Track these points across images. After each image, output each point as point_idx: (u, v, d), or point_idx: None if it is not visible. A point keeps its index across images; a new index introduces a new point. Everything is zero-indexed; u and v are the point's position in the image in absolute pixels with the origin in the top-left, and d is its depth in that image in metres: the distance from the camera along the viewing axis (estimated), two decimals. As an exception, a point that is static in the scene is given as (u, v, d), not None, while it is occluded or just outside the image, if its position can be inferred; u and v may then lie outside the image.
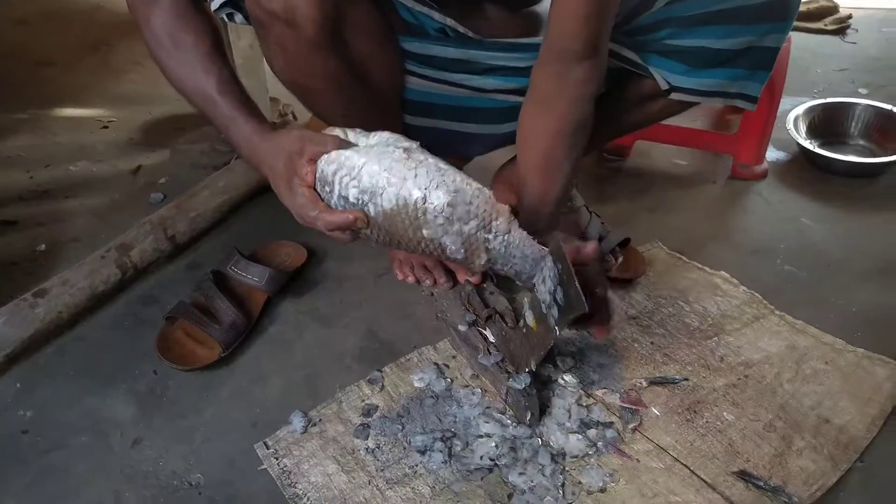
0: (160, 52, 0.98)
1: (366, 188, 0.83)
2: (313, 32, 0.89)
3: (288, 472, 0.92)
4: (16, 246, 1.36)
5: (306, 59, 0.93)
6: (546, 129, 0.99)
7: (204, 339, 1.10)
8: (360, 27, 0.95)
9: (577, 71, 0.95)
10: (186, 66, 0.96)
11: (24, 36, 2.45)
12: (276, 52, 0.94)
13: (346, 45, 0.95)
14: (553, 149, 1.00)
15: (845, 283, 1.23)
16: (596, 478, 0.89)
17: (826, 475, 0.89)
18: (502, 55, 1.05)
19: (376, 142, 0.88)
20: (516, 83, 1.08)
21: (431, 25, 1.03)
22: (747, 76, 1.09)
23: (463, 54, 1.05)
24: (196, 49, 0.96)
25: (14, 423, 1.00)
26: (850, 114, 1.66)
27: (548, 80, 0.98)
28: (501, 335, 1.04)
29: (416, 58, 1.05)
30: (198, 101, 0.97)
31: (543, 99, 0.99)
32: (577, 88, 0.97)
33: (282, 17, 0.87)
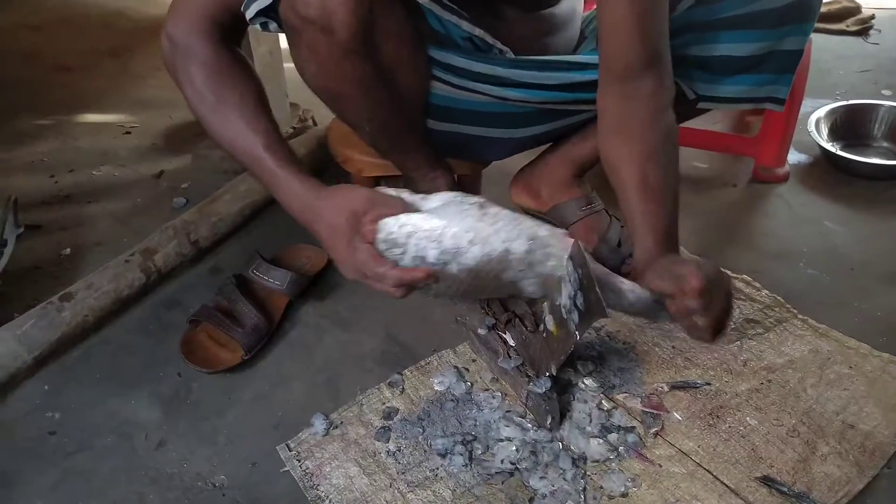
0: (203, 108, 0.98)
1: (448, 249, 0.84)
2: (347, 38, 0.90)
3: (310, 474, 0.92)
4: (41, 250, 1.38)
5: (338, 65, 0.94)
6: (631, 156, 0.94)
7: (227, 342, 1.11)
8: (392, 33, 0.96)
9: (642, 86, 0.92)
10: (231, 124, 0.96)
11: (43, 42, 2.49)
12: (308, 58, 0.94)
13: (377, 51, 0.96)
14: (647, 175, 0.93)
15: (869, 286, 1.22)
16: (617, 483, 0.89)
17: (852, 481, 0.88)
18: (530, 73, 1.05)
19: (440, 203, 0.88)
20: (542, 96, 1.07)
21: (459, 35, 1.03)
22: (773, 80, 1.09)
23: (489, 70, 1.05)
24: (241, 106, 0.96)
25: (42, 425, 1.02)
26: (873, 116, 1.64)
27: (616, 104, 0.95)
28: (521, 339, 1.04)
29: (442, 66, 1.05)
30: (244, 158, 0.97)
31: (618, 126, 0.96)
32: (649, 104, 0.93)
33: (318, 22, 0.88)
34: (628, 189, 0.94)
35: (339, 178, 1.54)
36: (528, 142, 1.24)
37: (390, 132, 1.09)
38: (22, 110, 1.99)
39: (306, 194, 0.92)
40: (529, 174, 1.30)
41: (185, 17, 0.97)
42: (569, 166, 1.26)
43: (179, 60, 0.98)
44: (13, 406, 1.05)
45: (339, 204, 0.89)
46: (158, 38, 0.99)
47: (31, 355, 1.07)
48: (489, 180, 1.42)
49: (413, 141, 1.15)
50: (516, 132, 1.18)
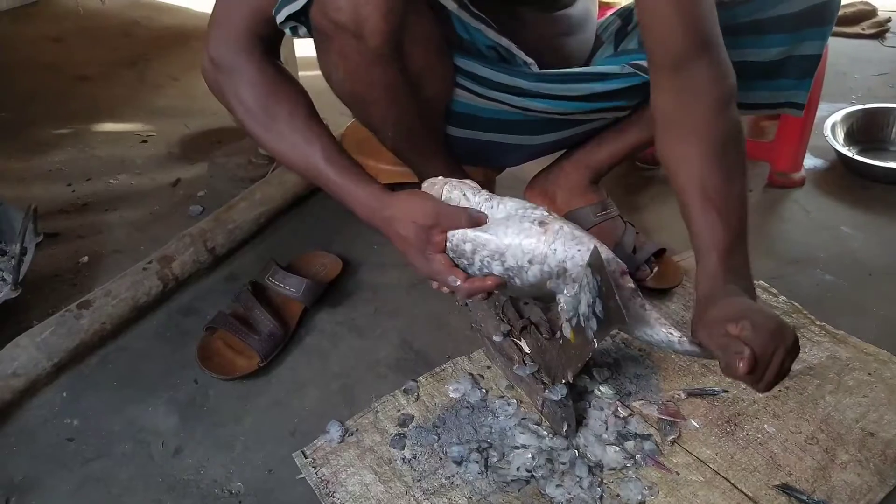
0: (257, 127, 0.98)
1: (510, 267, 0.87)
2: (379, 44, 0.90)
3: (326, 481, 0.93)
4: (59, 258, 1.40)
5: (368, 70, 0.94)
6: (689, 158, 0.87)
7: (243, 349, 1.11)
8: (420, 40, 0.96)
9: (696, 76, 0.86)
10: (287, 139, 0.97)
11: (62, 52, 2.52)
12: (338, 63, 0.95)
13: (405, 57, 0.96)
14: (707, 181, 0.85)
15: (887, 291, 1.21)
16: (635, 491, 0.88)
17: (873, 490, 0.87)
18: (554, 86, 1.05)
19: (506, 214, 0.90)
20: (564, 107, 1.07)
21: (484, 43, 1.03)
22: (793, 85, 1.08)
23: (513, 81, 1.05)
24: (293, 120, 0.97)
25: (61, 431, 1.03)
26: (890, 119, 1.63)
27: (669, 101, 0.89)
28: (537, 346, 1.04)
29: (467, 75, 1.05)
30: (304, 171, 0.98)
31: (673, 122, 0.89)
32: (706, 97, 0.86)
33: (350, 28, 0.88)
34: (687, 196, 0.86)
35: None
36: (546, 148, 1.24)
37: (412, 138, 1.09)
38: (41, 120, 2.02)
39: (371, 203, 0.93)
40: (545, 180, 1.30)
41: (226, 35, 0.97)
42: (584, 172, 1.25)
43: (225, 81, 0.98)
44: (33, 413, 1.06)
45: (405, 217, 0.90)
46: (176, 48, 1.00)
47: (50, 362, 1.08)
48: (503, 186, 1.43)
49: (433, 147, 1.15)
50: (534, 139, 1.18)
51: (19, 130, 1.95)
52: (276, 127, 0.97)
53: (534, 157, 1.27)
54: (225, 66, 0.98)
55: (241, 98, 0.98)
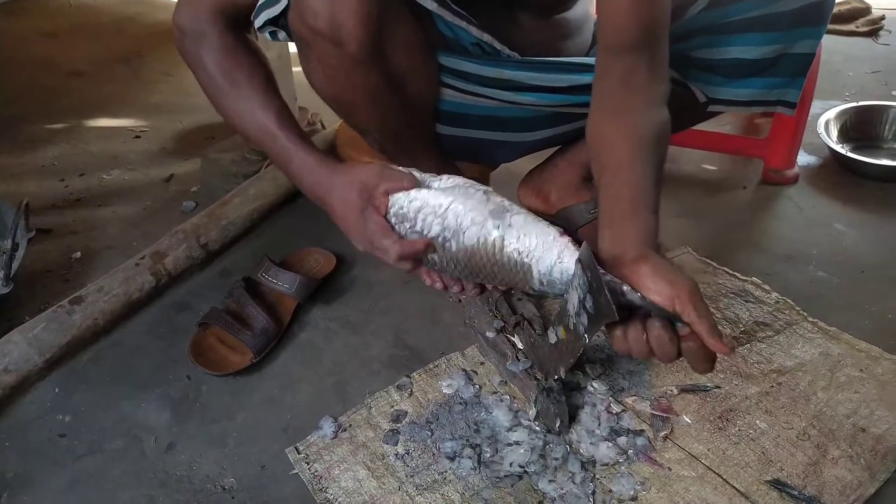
0: (214, 90, 1.00)
1: (449, 226, 0.86)
2: (357, 49, 0.90)
3: (319, 476, 0.93)
4: (51, 254, 1.40)
5: (348, 75, 0.94)
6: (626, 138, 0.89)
7: (236, 345, 1.11)
8: (401, 42, 0.96)
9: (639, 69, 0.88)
10: (243, 103, 0.98)
11: (56, 48, 2.51)
12: (318, 68, 0.95)
13: (386, 60, 0.96)
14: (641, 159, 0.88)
15: (880, 288, 1.21)
16: (627, 486, 0.89)
17: (863, 485, 0.88)
18: (540, 76, 1.05)
19: (451, 184, 0.90)
20: (553, 100, 1.07)
21: (468, 40, 1.03)
22: (785, 83, 1.08)
23: (499, 73, 1.05)
24: (251, 85, 0.98)
25: (53, 427, 1.02)
26: (883, 117, 1.63)
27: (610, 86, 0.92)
28: (530, 342, 1.04)
29: (452, 72, 1.05)
30: (257, 136, 0.99)
31: (610, 110, 0.92)
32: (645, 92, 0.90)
33: (327, 34, 0.88)
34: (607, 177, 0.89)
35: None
36: (538, 145, 1.24)
37: (399, 139, 1.10)
38: (34, 116, 2.01)
39: (320, 169, 0.95)
40: (538, 177, 1.30)
41: (192, 6, 0.99)
42: (578, 169, 1.26)
43: (189, 46, 1.00)
44: (25, 409, 1.06)
45: (351, 178, 0.91)
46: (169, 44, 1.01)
47: (42, 358, 1.08)
48: (497, 182, 1.42)
49: (422, 146, 1.15)
50: (526, 136, 1.18)
51: (12, 126, 1.94)
52: (233, 92, 0.99)
53: (527, 153, 1.27)
54: (188, 31, 0.99)
55: (203, 62, 0.99)
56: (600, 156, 0.92)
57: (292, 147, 0.96)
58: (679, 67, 1.07)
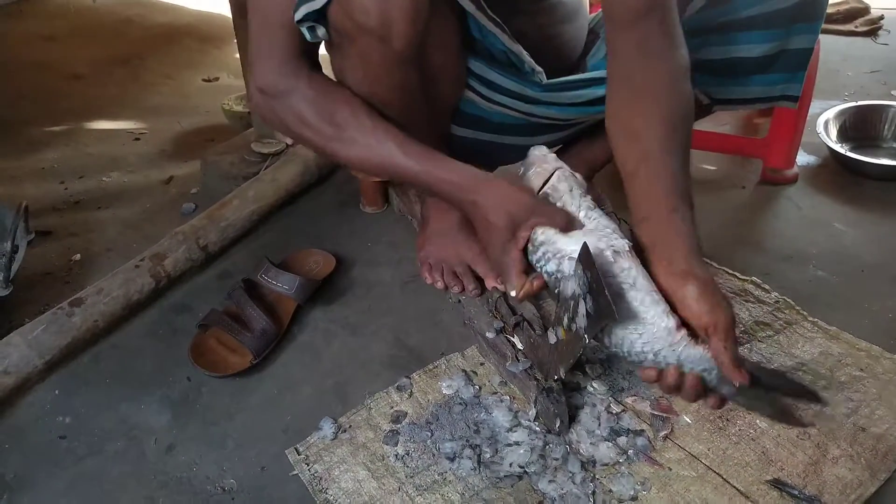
0: (324, 140, 0.97)
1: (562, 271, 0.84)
2: (403, 47, 0.89)
3: (319, 477, 0.93)
4: (51, 256, 1.40)
5: (388, 73, 0.93)
6: (645, 117, 0.87)
7: (236, 346, 1.11)
8: (441, 43, 0.95)
9: (652, 38, 0.87)
10: (359, 143, 0.95)
11: (55, 50, 2.51)
12: (357, 65, 0.93)
13: (425, 60, 0.95)
14: (663, 144, 0.86)
15: (880, 288, 1.21)
16: (627, 486, 0.89)
17: (864, 485, 0.88)
18: (559, 95, 1.05)
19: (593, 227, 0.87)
20: (568, 113, 1.08)
21: (497, 47, 1.02)
22: (787, 78, 1.09)
23: (520, 89, 1.04)
24: (358, 123, 0.95)
25: (53, 429, 1.02)
26: (882, 116, 1.63)
27: (627, 63, 0.90)
28: (529, 342, 1.04)
29: (477, 78, 1.05)
30: (385, 170, 0.97)
31: (633, 88, 0.89)
32: (664, 62, 0.88)
33: (376, 31, 0.86)
34: (651, 157, 0.85)
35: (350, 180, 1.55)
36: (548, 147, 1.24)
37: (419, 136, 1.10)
38: (34, 118, 2.01)
39: (462, 185, 0.92)
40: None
41: (271, 63, 0.95)
42: (580, 168, 1.25)
43: (281, 107, 0.96)
44: (25, 410, 1.06)
45: (499, 205, 0.90)
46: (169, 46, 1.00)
47: (42, 360, 1.08)
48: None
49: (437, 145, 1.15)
50: (534, 140, 1.18)
51: (12, 129, 1.95)
52: (344, 135, 0.95)
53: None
54: (277, 91, 0.96)
55: (302, 117, 0.96)
56: (627, 144, 0.89)
57: (426, 170, 0.94)
58: None
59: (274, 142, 1.58)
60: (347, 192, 1.53)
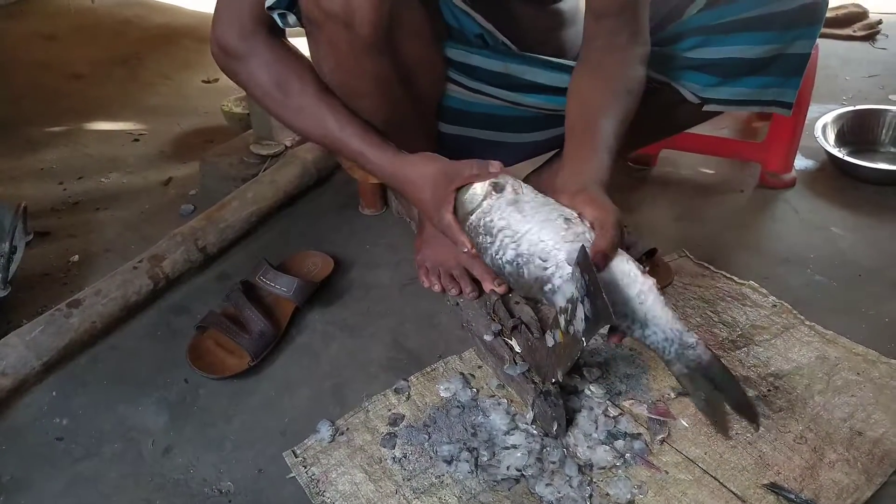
0: (273, 104, 1.02)
1: (521, 254, 0.87)
2: (368, 33, 0.90)
3: (316, 480, 0.93)
4: (49, 257, 1.40)
5: (357, 61, 0.94)
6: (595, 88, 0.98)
7: (234, 348, 1.11)
8: (411, 30, 0.97)
9: (622, 31, 0.98)
10: (304, 112, 1.00)
11: (55, 50, 2.51)
12: (328, 53, 0.95)
13: (396, 48, 0.96)
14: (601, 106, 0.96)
15: (877, 292, 1.22)
16: (624, 490, 0.89)
17: (860, 489, 0.88)
18: (543, 73, 1.06)
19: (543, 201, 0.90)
20: (556, 102, 1.08)
21: (472, 30, 1.04)
22: (780, 83, 1.09)
23: (503, 67, 1.05)
24: (304, 93, 1.00)
25: (50, 430, 1.02)
26: (880, 121, 1.64)
27: (596, 48, 1.00)
28: (527, 345, 1.04)
29: (458, 67, 1.06)
30: (324, 142, 1.03)
31: (592, 64, 1.01)
32: (625, 52, 0.99)
33: (340, 17, 0.88)
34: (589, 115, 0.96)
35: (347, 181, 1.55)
36: (538, 147, 1.24)
37: (404, 132, 1.10)
38: (33, 118, 2.01)
39: (387, 169, 0.99)
40: (536, 180, 1.30)
41: (231, 21, 0.99)
42: None
43: (238, 66, 1.01)
44: (22, 412, 1.05)
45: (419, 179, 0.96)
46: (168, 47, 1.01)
47: (39, 361, 1.08)
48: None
49: (424, 143, 1.15)
50: (527, 136, 1.19)
51: (11, 129, 1.95)
52: (291, 102, 1.00)
53: (527, 157, 1.27)
54: (235, 51, 0.99)
55: (256, 79, 1.00)
56: (573, 107, 0.99)
57: (360, 147, 0.99)
58: (675, 67, 1.07)
59: (273, 143, 1.58)
60: (346, 194, 1.54)
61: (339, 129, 0.99)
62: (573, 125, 0.97)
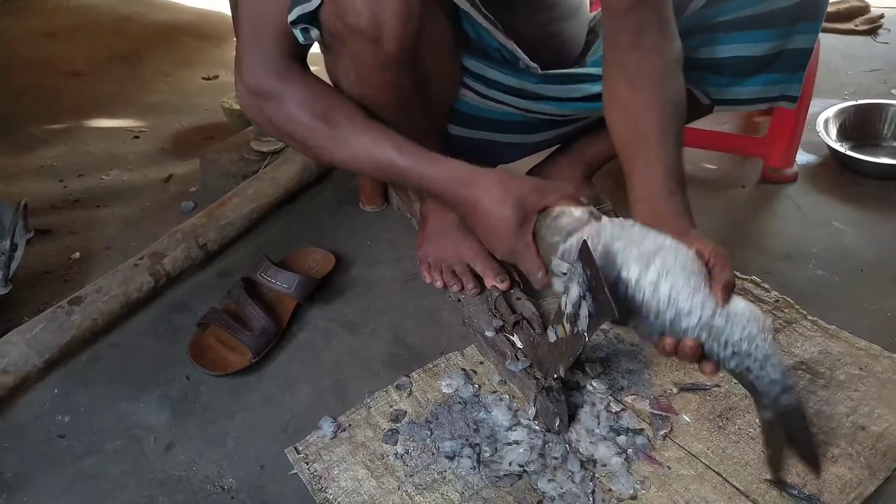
0: (319, 140, 0.96)
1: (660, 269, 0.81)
2: (395, 49, 0.88)
3: (318, 476, 0.93)
4: (50, 254, 1.39)
5: (381, 76, 0.92)
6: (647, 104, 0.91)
7: (235, 345, 1.11)
8: (433, 42, 0.95)
9: (645, 29, 0.91)
10: (353, 143, 0.95)
11: (55, 48, 2.51)
12: (349, 67, 0.93)
13: (418, 62, 0.95)
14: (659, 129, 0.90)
15: (879, 287, 1.21)
16: (626, 485, 0.89)
17: (863, 483, 0.88)
18: (556, 88, 1.05)
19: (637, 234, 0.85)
20: (566, 109, 1.08)
21: (491, 44, 1.02)
22: (786, 78, 1.09)
23: (520, 84, 1.04)
24: (354, 123, 0.95)
25: (52, 428, 1.02)
26: (882, 115, 1.63)
27: (624, 52, 0.93)
28: (529, 341, 1.04)
29: (474, 76, 1.05)
30: (379, 170, 0.96)
31: (626, 73, 0.93)
32: (660, 53, 0.92)
33: (367, 33, 0.86)
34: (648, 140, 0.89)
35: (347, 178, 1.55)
36: (542, 145, 1.24)
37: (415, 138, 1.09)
38: (33, 116, 2.01)
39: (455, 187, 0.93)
40: (539, 175, 1.30)
41: (261, 62, 0.94)
42: (579, 167, 1.26)
43: (272, 108, 0.95)
44: (23, 409, 1.05)
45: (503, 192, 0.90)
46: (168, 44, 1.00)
47: (40, 359, 1.08)
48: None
49: (434, 146, 1.15)
50: (532, 137, 1.19)
51: (11, 126, 1.94)
52: (339, 135, 0.95)
53: (530, 154, 1.27)
54: (268, 92, 0.95)
55: (296, 118, 0.95)
56: (622, 125, 0.93)
57: (420, 170, 0.94)
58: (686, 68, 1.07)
59: (273, 140, 1.58)
60: (347, 190, 1.53)
61: (397, 152, 0.93)
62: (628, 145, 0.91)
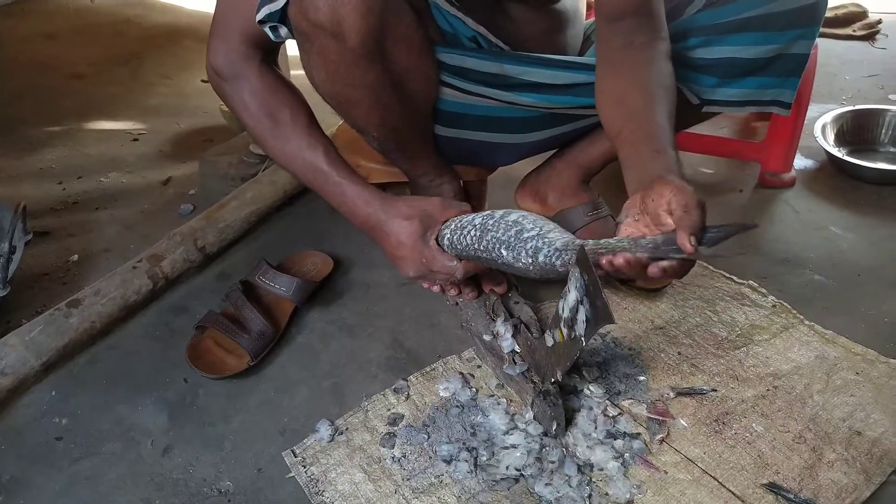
0: (261, 132, 1.05)
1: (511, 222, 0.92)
2: (358, 43, 0.90)
3: (315, 480, 0.93)
4: (49, 256, 1.40)
5: (348, 70, 0.95)
6: (630, 86, 0.94)
7: (233, 348, 1.11)
8: (402, 38, 0.96)
9: (637, 31, 0.96)
10: (290, 144, 1.04)
11: (55, 50, 2.51)
12: (318, 64, 0.95)
13: (387, 56, 0.96)
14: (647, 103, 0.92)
15: (876, 292, 1.22)
16: (623, 489, 0.89)
17: (859, 489, 0.88)
18: (537, 70, 1.05)
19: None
20: (551, 101, 1.08)
21: (465, 34, 1.04)
22: (780, 83, 1.09)
23: (498, 68, 1.05)
24: (295, 125, 1.03)
25: (49, 430, 1.02)
26: (879, 121, 1.64)
27: (614, 50, 0.98)
28: (527, 345, 1.04)
29: (452, 70, 1.05)
30: (306, 174, 1.05)
31: (616, 66, 0.98)
32: (647, 49, 0.96)
33: (328, 28, 0.88)
34: (637, 115, 0.91)
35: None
36: (536, 147, 1.24)
37: (398, 138, 1.10)
38: (33, 118, 2.01)
39: (374, 201, 1.02)
40: (536, 179, 1.30)
41: (226, 46, 1.01)
42: (576, 171, 1.26)
43: (229, 90, 1.04)
44: (21, 412, 1.05)
45: (412, 208, 1.01)
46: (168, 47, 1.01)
47: (38, 361, 1.08)
48: (494, 185, 1.43)
49: (421, 147, 1.15)
50: (524, 137, 1.19)
51: (11, 128, 1.94)
52: (280, 131, 1.03)
53: (525, 156, 1.27)
54: (227, 74, 1.03)
55: (246, 105, 1.04)
56: (612, 109, 0.96)
57: (344, 182, 1.02)
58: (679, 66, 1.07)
59: (272, 143, 1.58)
60: (345, 193, 1.53)
61: (327, 162, 1.02)
62: (621, 130, 0.93)
